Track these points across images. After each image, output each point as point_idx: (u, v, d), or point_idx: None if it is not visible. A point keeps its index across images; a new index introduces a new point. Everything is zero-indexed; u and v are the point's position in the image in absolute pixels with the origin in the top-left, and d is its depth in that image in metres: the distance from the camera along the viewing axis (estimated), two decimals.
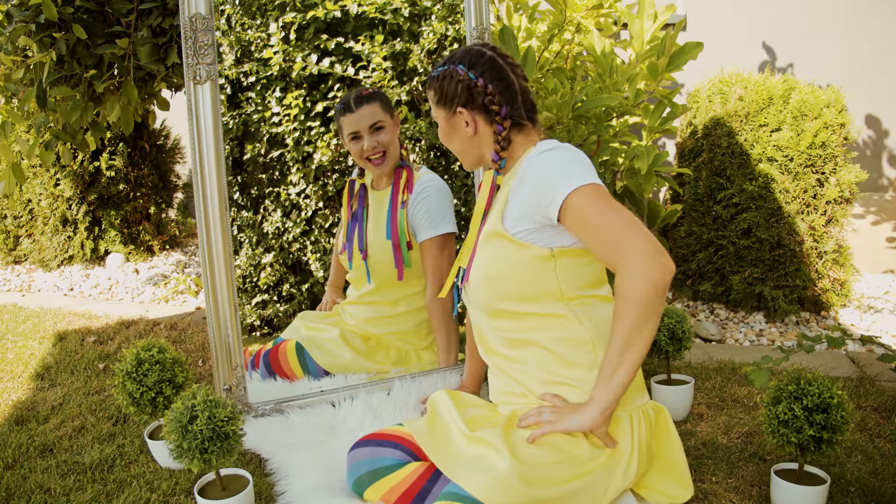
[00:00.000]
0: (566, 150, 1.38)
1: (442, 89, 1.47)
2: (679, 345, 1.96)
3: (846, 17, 3.71)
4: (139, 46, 2.07)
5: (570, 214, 1.30)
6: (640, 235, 1.24)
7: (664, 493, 1.44)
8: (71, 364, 2.48)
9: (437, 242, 2.04)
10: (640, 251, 1.22)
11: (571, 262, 1.38)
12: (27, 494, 1.61)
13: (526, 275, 1.38)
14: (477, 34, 2.07)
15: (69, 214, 4.05)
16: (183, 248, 4.33)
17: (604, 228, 1.26)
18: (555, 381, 1.40)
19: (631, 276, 1.22)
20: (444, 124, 1.51)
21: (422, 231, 2.05)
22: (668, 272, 1.22)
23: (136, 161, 4.14)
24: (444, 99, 1.47)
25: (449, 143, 1.53)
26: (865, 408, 1.96)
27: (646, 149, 2.15)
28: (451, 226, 2.06)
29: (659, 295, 1.22)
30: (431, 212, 2.04)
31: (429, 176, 2.10)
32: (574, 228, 1.31)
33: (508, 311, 1.43)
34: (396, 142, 2.09)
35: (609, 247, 1.26)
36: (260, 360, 2.15)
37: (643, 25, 2.36)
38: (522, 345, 1.43)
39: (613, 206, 1.28)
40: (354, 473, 1.48)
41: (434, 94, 1.50)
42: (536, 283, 1.38)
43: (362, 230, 2.13)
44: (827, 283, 2.86)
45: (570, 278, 1.39)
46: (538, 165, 1.37)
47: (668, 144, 3.97)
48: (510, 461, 1.26)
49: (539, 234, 1.37)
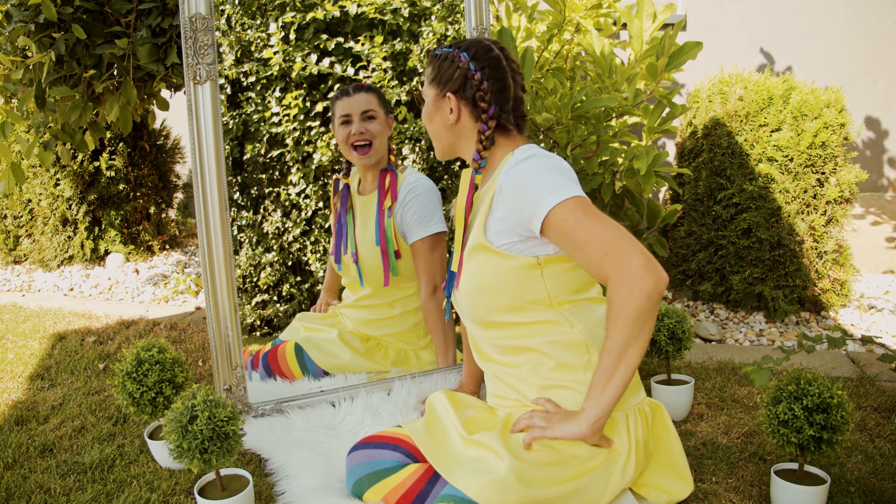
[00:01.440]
0: (545, 159, 1.35)
1: (440, 69, 1.46)
2: (679, 345, 1.96)
3: (846, 17, 3.70)
4: (139, 46, 2.07)
5: (553, 229, 1.28)
6: (629, 248, 1.21)
7: (664, 490, 1.44)
8: (71, 364, 2.48)
9: (427, 243, 2.04)
10: (631, 264, 1.20)
11: (558, 268, 1.37)
12: (27, 494, 1.61)
13: (513, 284, 1.37)
14: (477, 34, 2.07)
15: (69, 214, 4.05)
16: (183, 248, 4.33)
17: (590, 243, 1.24)
18: (550, 385, 1.40)
19: (623, 290, 1.20)
20: (431, 104, 1.49)
21: (412, 232, 2.05)
22: (662, 282, 1.20)
23: (136, 161, 4.14)
24: (438, 79, 1.47)
25: (428, 124, 1.51)
26: (865, 408, 1.96)
27: (645, 149, 2.15)
28: (441, 225, 2.06)
29: (652, 306, 1.20)
30: (420, 212, 2.04)
31: (415, 177, 2.10)
32: (559, 242, 1.29)
33: (499, 322, 1.42)
34: (385, 140, 2.09)
35: (597, 261, 1.23)
36: (259, 361, 2.15)
37: (642, 25, 2.36)
38: (517, 351, 1.43)
39: (598, 219, 1.25)
40: (354, 476, 1.48)
41: (431, 71, 1.49)
42: (524, 292, 1.37)
43: (346, 236, 2.13)
44: (827, 284, 2.86)
45: (557, 284, 1.38)
46: (518, 175, 1.34)
47: (668, 144, 3.97)
48: (509, 463, 1.26)
49: (523, 244, 1.36)
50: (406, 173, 2.11)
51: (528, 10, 2.70)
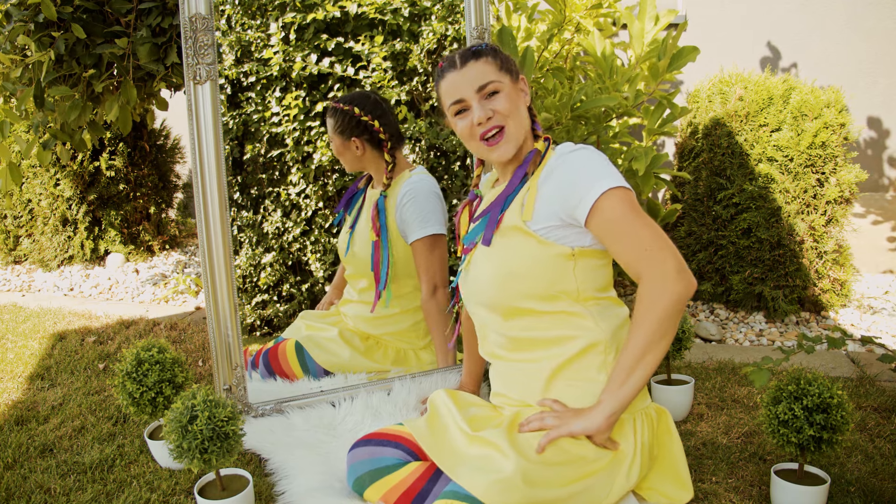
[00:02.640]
0: (596, 152, 1.38)
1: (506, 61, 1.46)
2: (679, 345, 1.96)
3: (846, 17, 3.71)
4: (138, 46, 2.07)
5: (600, 215, 1.29)
6: (666, 250, 1.26)
7: (665, 495, 1.44)
8: (71, 364, 2.47)
9: (426, 243, 2.04)
10: (666, 264, 1.25)
11: (589, 263, 1.38)
12: (27, 494, 1.61)
13: (547, 272, 1.37)
14: (477, 34, 2.07)
15: (69, 214, 4.05)
16: (183, 248, 4.33)
17: (631, 236, 1.27)
18: (561, 379, 1.40)
19: (656, 289, 1.25)
20: (510, 90, 1.44)
21: (411, 232, 2.05)
22: (692, 287, 1.25)
23: (136, 161, 4.14)
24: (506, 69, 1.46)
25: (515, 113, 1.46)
26: (865, 408, 1.96)
27: (644, 150, 2.15)
28: (440, 226, 2.05)
29: (679, 310, 1.25)
30: (418, 213, 2.03)
31: (418, 177, 2.09)
32: (599, 230, 1.31)
33: (526, 310, 1.41)
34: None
35: (634, 255, 1.27)
36: (260, 359, 2.15)
37: (644, 27, 2.36)
38: (532, 345, 1.42)
39: (643, 216, 1.29)
40: (354, 473, 1.48)
41: (499, 59, 1.45)
42: (556, 282, 1.37)
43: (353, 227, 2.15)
44: (827, 284, 2.86)
45: (586, 279, 1.39)
46: (571, 161, 1.36)
47: (668, 144, 3.97)
48: (515, 463, 1.26)
49: (562, 231, 1.36)
50: (412, 172, 2.11)
51: (527, 11, 2.70)
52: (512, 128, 1.41)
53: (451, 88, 1.42)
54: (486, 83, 1.39)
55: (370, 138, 2.09)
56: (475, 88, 1.39)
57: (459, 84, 1.41)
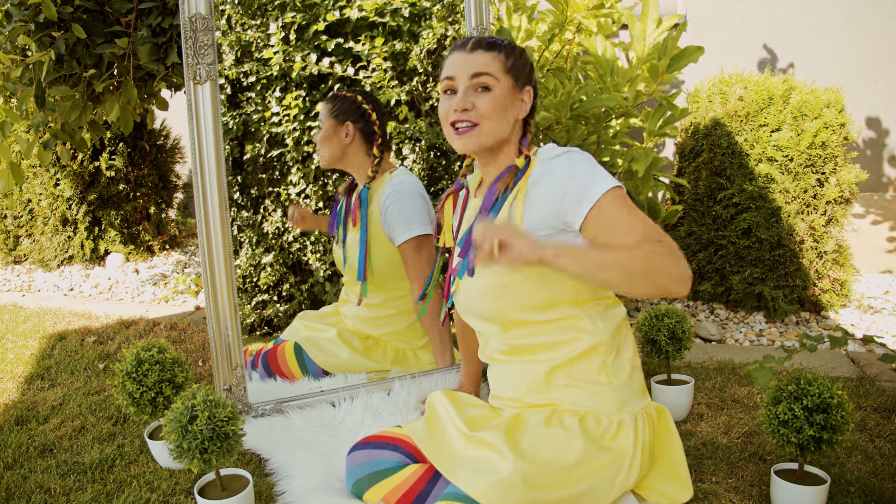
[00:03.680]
0: (578, 153, 1.35)
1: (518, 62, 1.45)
2: (679, 345, 1.96)
3: (846, 17, 3.70)
4: (139, 46, 2.07)
5: (593, 224, 1.26)
6: (664, 239, 1.22)
7: (664, 494, 1.44)
8: (71, 364, 2.47)
9: (412, 245, 2.02)
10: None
11: None
12: (27, 494, 1.61)
13: (541, 283, 1.35)
14: (477, 34, 2.07)
15: (69, 214, 4.05)
16: (183, 248, 4.33)
17: (625, 232, 1.23)
18: (560, 383, 1.39)
19: (654, 260, 1.17)
20: (508, 93, 1.42)
21: (396, 235, 2.03)
22: (687, 277, 1.17)
23: (136, 161, 4.14)
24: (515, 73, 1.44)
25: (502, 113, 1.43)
26: (865, 408, 1.96)
27: (644, 151, 2.15)
28: (425, 226, 2.02)
29: (661, 282, 1.15)
30: (401, 215, 2.01)
31: (399, 179, 2.06)
32: (593, 234, 1.27)
33: (524, 321, 1.40)
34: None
35: None
36: (259, 361, 2.15)
37: (645, 28, 2.36)
38: (532, 350, 1.41)
39: (635, 211, 1.26)
40: (354, 476, 1.47)
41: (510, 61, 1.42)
42: (552, 291, 1.36)
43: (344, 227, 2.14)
44: (827, 284, 2.86)
45: (583, 284, 1.37)
46: (559, 167, 1.33)
47: (669, 144, 3.97)
48: (514, 464, 1.26)
49: (553, 239, 1.33)
50: (394, 173, 2.09)
51: (528, 11, 2.70)
52: (486, 128, 1.37)
53: (450, 64, 1.41)
54: (481, 73, 1.37)
55: (364, 127, 2.06)
56: (469, 74, 1.37)
57: (459, 64, 1.39)
